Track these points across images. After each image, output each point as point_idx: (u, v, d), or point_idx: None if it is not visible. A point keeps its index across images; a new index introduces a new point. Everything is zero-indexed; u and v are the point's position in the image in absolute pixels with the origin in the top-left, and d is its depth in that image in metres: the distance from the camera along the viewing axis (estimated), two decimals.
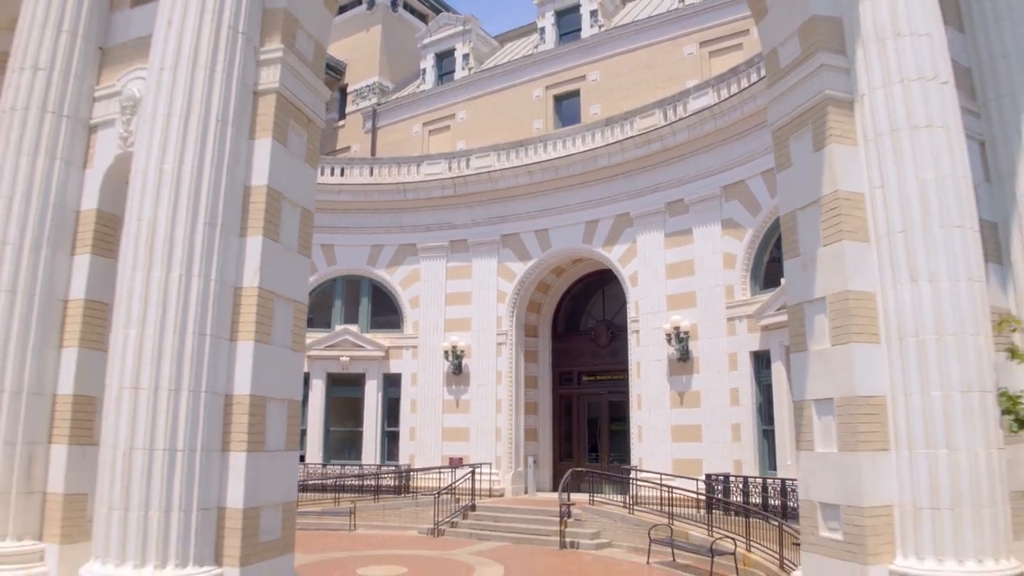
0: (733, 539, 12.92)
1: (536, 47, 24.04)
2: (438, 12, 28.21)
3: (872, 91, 5.75)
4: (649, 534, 14.25)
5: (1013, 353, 5.06)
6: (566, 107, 22.65)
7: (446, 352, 21.05)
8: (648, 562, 13.84)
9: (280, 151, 5.79)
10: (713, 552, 12.53)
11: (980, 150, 6.84)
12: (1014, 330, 5.22)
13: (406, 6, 28.36)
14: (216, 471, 5.09)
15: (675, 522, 14.58)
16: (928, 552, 5.00)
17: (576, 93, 22.21)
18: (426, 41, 26.17)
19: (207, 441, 5.03)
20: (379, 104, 26.30)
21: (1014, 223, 6.54)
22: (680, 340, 17.40)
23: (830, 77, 5.90)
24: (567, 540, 15.70)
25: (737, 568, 12.33)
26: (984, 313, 5.31)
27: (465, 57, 25.25)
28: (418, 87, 26.44)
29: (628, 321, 19.22)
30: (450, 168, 21.70)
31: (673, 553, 13.81)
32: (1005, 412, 5.13)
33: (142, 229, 5.16)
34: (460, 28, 25.44)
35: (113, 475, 4.86)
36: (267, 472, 5.39)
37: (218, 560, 5.05)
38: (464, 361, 20.93)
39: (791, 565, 10.26)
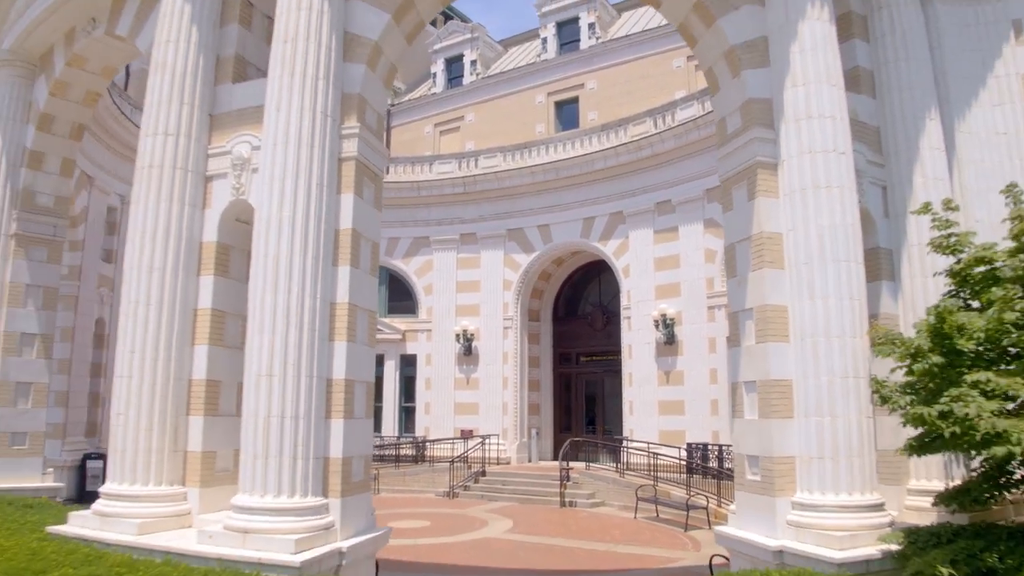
0: (707, 497, 15.29)
1: (539, 56, 25.93)
2: (448, 17, 29.94)
3: (790, 158, 7.85)
4: (636, 494, 16.63)
5: (877, 350, 7.18)
6: (566, 112, 24.62)
7: (457, 335, 23.29)
8: (635, 517, 16.21)
9: (359, 202, 7.91)
10: (688, 507, 14.91)
11: (882, 193, 8.96)
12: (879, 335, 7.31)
13: None
14: (323, 432, 7.29)
15: (659, 484, 16.95)
16: (816, 488, 7.22)
17: (575, 100, 24.18)
18: (436, 47, 27.99)
19: (317, 411, 7.23)
20: (393, 105, 28.20)
21: (904, 250, 8.68)
22: (666, 326, 19.62)
23: (760, 146, 8.00)
24: (566, 500, 18.08)
25: (708, 520, 14.66)
26: (861, 322, 7.47)
27: (473, 63, 27.11)
28: (429, 90, 28.33)
29: (621, 308, 21.42)
30: (460, 168, 23.73)
31: (657, 509, 16.18)
32: (874, 392, 7.29)
33: (268, 263, 7.31)
34: (468, 36, 27.25)
35: (256, 435, 7.06)
36: (355, 433, 7.61)
37: (325, 493, 7.27)
38: (474, 343, 23.17)
39: None
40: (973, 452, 6.03)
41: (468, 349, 23.19)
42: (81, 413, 19.25)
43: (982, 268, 6.72)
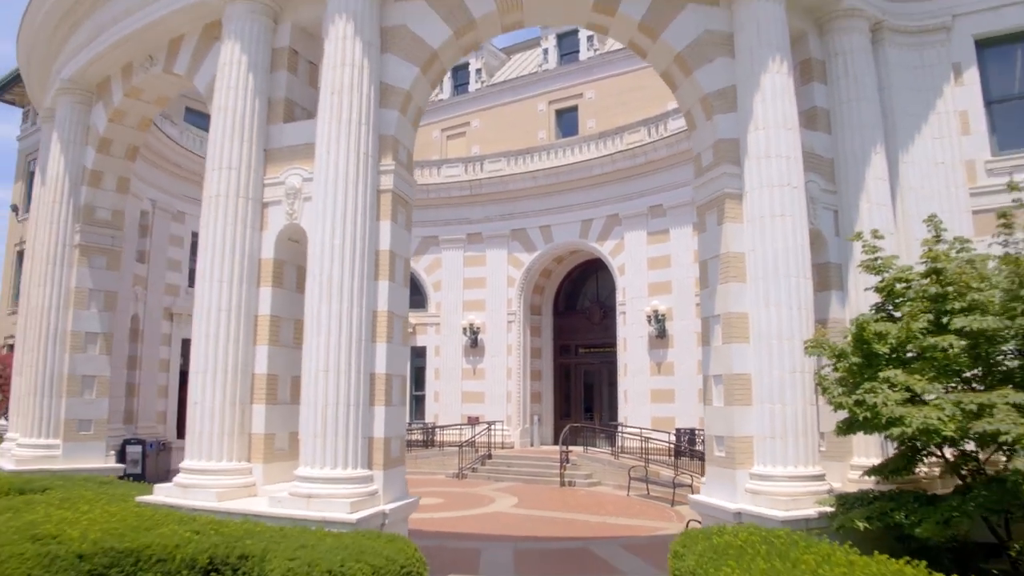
0: (692, 476, 16.99)
1: (540, 65, 27.39)
2: None
3: (752, 191, 9.44)
4: (629, 474, 18.36)
5: (809, 352, 8.75)
6: (566, 120, 26.14)
7: (464, 328, 24.94)
8: (628, 494, 17.94)
9: (394, 227, 9.52)
10: (675, 485, 16.63)
11: (834, 216, 10.55)
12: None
13: None
14: (368, 417, 8.92)
15: (650, 465, 18.65)
16: (769, 462, 8.88)
17: (575, 108, 25.69)
18: None
19: (364, 400, 8.87)
20: None
21: (850, 265, 10.28)
22: (658, 321, 21.27)
23: (728, 180, 9.59)
24: (565, 480, 19.80)
25: None
26: (808, 326, 9.08)
27: (478, 71, 28.56)
28: (436, 96, 29.76)
29: (616, 304, 23.06)
30: (466, 171, 25.29)
31: (647, 487, 17.90)
32: (817, 384, 8.91)
33: (323, 280, 8.92)
34: None
35: (315, 419, 8.70)
36: (394, 418, 9.26)
37: (370, 466, 8.92)
38: (480, 336, 24.83)
39: None
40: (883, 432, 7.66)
41: (474, 341, 24.86)
42: (119, 402, 20.90)
43: (902, 285, 8.34)
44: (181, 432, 23.61)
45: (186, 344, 23.90)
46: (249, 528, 7.94)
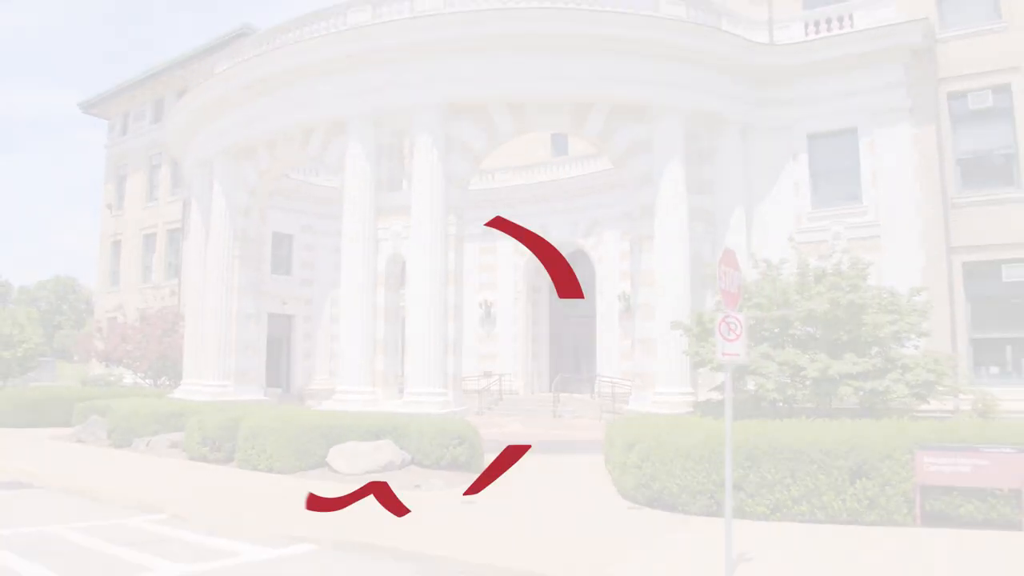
0: None
1: None
2: None
3: (658, 235, 16.69)
4: (601, 408, 26.02)
5: (672, 327, 16.11)
6: (558, 142, 33.08)
7: (480, 304, 32.31)
8: (600, 422, 25.59)
9: (456, 255, 16.85)
10: None
11: (712, 245, 17.91)
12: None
13: None
14: (444, 361, 16.39)
15: (616, 403, 26.29)
16: (663, 386, 16.38)
17: (566, 134, 32.59)
18: None
19: (443, 352, 16.33)
20: None
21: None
22: (626, 299, 28.65)
23: (646, 228, 16.91)
24: (557, 414, 27.39)
25: None
26: (685, 311, 16.49)
27: None
28: None
29: (596, 285, 30.46)
30: (482, 180, 32.39)
31: (614, 418, 25.56)
32: (689, 344, 16.30)
33: (420, 286, 16.31)
34: None
35: (419, 362, 16.18)
36: (457, 363, 16.72)
37: (446, 388, 16.37)
38: (492, 309, 32.22)
39: None
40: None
41: (488, 314, 32.29)
42: None
43: None
44: (269, 382, 31.26)
45: (271, 318, 31.43)
46: (390, 416, 15.45)
